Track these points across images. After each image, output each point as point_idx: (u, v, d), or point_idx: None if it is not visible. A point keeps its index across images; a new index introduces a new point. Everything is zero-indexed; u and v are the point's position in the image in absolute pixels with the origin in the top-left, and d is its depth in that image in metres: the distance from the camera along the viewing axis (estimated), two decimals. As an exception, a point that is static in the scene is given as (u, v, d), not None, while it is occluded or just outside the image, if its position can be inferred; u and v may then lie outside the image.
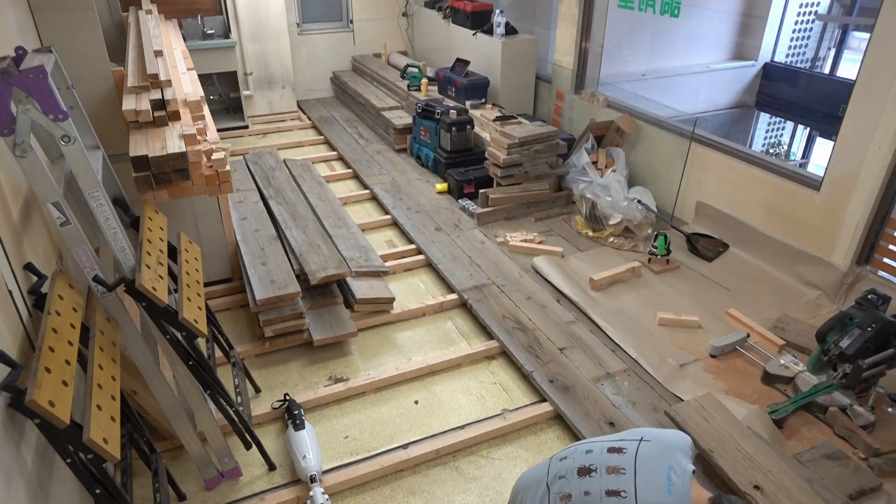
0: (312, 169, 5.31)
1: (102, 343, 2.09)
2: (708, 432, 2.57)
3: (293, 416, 2.79)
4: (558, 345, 3.35)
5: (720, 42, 6.55)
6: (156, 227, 2.55)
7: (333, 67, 7.61)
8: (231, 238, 3.82)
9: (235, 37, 6.62)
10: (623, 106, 5.10)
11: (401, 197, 5.05)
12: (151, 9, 5.40)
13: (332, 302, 3.57)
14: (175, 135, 3.23)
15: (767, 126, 7.02)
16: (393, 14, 7.56)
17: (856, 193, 3.44)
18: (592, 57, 5.43)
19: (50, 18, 3.53)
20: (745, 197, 4.15)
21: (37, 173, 1.94)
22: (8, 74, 1.86)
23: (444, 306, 3.79)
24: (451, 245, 4.34)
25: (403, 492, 2.61)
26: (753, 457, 2.45)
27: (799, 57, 6.64)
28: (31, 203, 2.53)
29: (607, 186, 4.54)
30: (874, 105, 3.26)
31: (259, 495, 2.55)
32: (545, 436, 2.90)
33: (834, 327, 2.80)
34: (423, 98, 5.88)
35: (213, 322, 2.93)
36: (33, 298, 2.16)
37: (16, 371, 1.72)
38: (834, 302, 3.60)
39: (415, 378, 3.23)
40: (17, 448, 1.77)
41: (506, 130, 4.67)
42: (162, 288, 2.23)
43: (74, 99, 2.46)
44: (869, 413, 2.73)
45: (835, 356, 2.74)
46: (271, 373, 3.26)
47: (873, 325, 2.69)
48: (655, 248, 4.01)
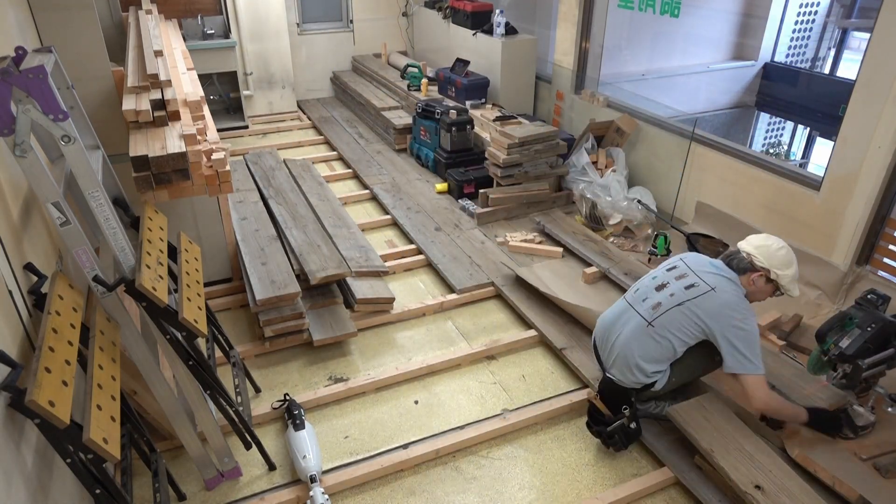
0: (312, 169, 5.31)
1: (102, 343, 2.09)
2: (708, 432, 2.57)
3: (293, 416, 2.79)
4: (558, 345, 3.35)
5: (720, 42, 6.55)
6: (156, 227, 2.55)
7: (333, 67, 7.61)
8: (231, 238, 3.82)
9: (235, 37, 6.62)
10: (623, 106, 5.10)
11: (401, 197, 5.05)
12: (151, 9, 5.40)
13: (332, 302, 3.57)
14: (175, 135, 3.23)
15: (767, 126, 7.02)
16: (393, 14, 7.56)
17: (856, 193, 3.44)
18: (592, 57, 5.43)
19: (50, 18, 3.53)
20: (745, 197, 4.15)
21: (37, 173, 1.94)
22: (8, 74, 1.86)
23: (444, 306, 3.79)
24: (451, 245, 4.34)
25: (403, 492, 2.61)
26: (755, 456, 2.45)
27: (799, 57, 6.64)
28: (31, 203, 2.53)
29: (607, 186, 4.55)
30: (874, 105, 3.26)
31: (259, 495, 2.55)
32: (545, 436, 2.90)
33: (834, 327, 2.80)
34: (423, 98, 5.89)
35: (213, 322, 2.93)
36: (33, 298, 2.16)
37: (16, 371, 1.72)
38: (834, 302, 3.59)
39: (415, 378, 3.23)
40: (17, 448, 1.77)
41: (506, 130, 4.67)
42: (162, 288, 2.23)
43: (74, 99, 2.46)
44: (869, 413, 2.73)
45: (835, 356, 2.74)
46: (271, 373, 3.26)
47: (873, 326, 2.69)
48: (655, 248, 4.01)
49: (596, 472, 2.70)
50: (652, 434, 2.78)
